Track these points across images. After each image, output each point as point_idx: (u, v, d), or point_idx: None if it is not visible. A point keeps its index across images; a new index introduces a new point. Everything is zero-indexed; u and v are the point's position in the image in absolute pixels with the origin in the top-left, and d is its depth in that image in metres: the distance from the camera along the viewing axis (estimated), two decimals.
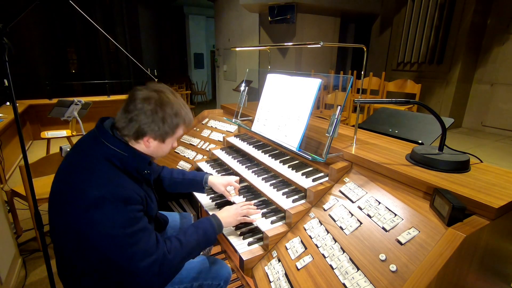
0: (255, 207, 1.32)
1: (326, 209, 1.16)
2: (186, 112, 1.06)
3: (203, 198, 1.59)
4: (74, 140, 3.60)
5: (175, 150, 2.26)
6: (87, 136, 1.03)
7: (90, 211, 0.89)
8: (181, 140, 2.37)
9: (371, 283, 0.85)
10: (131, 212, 0.93)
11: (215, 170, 1.75)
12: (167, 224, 1.39)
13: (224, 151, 1.87)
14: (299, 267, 1.04)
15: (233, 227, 1.32)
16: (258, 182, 1.44)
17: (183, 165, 2.08)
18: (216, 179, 1.48)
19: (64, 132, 3.95)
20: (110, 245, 0.91)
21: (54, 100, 5.23)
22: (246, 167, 1.60)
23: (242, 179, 1.60)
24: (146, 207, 1.02)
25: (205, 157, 2.03)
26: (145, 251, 0.94)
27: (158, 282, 0.99)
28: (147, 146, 1.03)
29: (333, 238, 1.04)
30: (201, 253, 1.53)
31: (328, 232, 1.07)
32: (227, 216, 1.22)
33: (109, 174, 0.94)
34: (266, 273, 1.10)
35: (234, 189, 1.49)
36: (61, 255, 1.06)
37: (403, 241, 0.88)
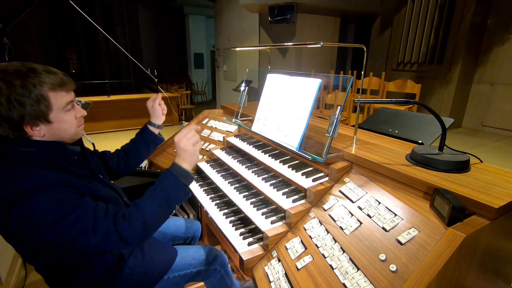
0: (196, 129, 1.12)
1: (326, 209, 1.16)
2: (36, 73, 0.87)
3: (203, 198, 1.59)
4: None
5: (175, 150, 2.26)
6: None
7: (10, 212, 0.80)
8: None
9: (371, 283, 0.85)
10: (56, 194, 0.84)
11: (215, 170, 1.75)
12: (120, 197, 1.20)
13: (224, 151, 1.87)
14: (299, 267, 1.04)
15: (232, 226, 1.32)
16: (258, 182, 1.44)
17: None
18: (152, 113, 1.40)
19: None
20: (52, 234, 0.84)
21: None
22: (246, 167, 1.60)
23: (242, 179, 1.60)
24: (84, 190, 0.94)
25: (205, 157, 2.03)
26: (93, 226, 0.86)
27: (125, 245, 0.92)
28: (39, 134, 0.91)
29: (333, 238, 1.04)
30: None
31: (328, 232, 1.07)
32: (186, 157, 1.04)
33: (17, 171, 0.85)
34: (266, 273, 1.10)
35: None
36: (37, 267, 1.02)
37: (403, 241, 0.88)
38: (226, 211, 1.46)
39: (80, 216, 0.85)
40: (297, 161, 1.50)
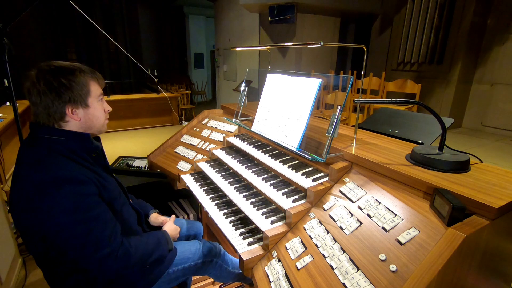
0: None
1: (326, 209, 1.16)
2: (79, 66, 1.03)
3: (203, 198, 1.59)
4: None
5: (175, 150, 2.26)
6: (24, 141, 1.01)
7: (35, 199, 0.87)
8: (181, 140, 2.37)
9: (371, 283, 0.85)
10: (79, 196, 0.90)
11: (215, 170, 1.75)
12: (142, 217, 1.31)
13: (224, 151, 1.87)
14: (299, 267, 1.04)
15: (232, 226, 1.32)
16: (258, 182, 1.44)
17: (183, 165, 2.08)
18: (155, 218, 1.46)
19: None
20: (60, 234, 0.88)
21: None
22: (246, 167, 1.60)
23: (242, 179, 1.60)
24: (103, 191, 1.00)
25: (205, 157, 2.03)
26: (98, 243, 0.91)
27: (110, 274, 0.99)
28: (76, 118, 1.01)
29: (333, 238, 1.04)
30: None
31: (328, 232, 1.07)
32: (170, 233, 1.30)
33: (49, 160, 0.92)
34: (266, 273, 1.10)
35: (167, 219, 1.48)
36: (37, 260, 1.04)
37: (403, 241, 0.88)
38: (226, 211, 1.46)
39: (94, 228, 0.92)
40: (297, 161, 1.50)
